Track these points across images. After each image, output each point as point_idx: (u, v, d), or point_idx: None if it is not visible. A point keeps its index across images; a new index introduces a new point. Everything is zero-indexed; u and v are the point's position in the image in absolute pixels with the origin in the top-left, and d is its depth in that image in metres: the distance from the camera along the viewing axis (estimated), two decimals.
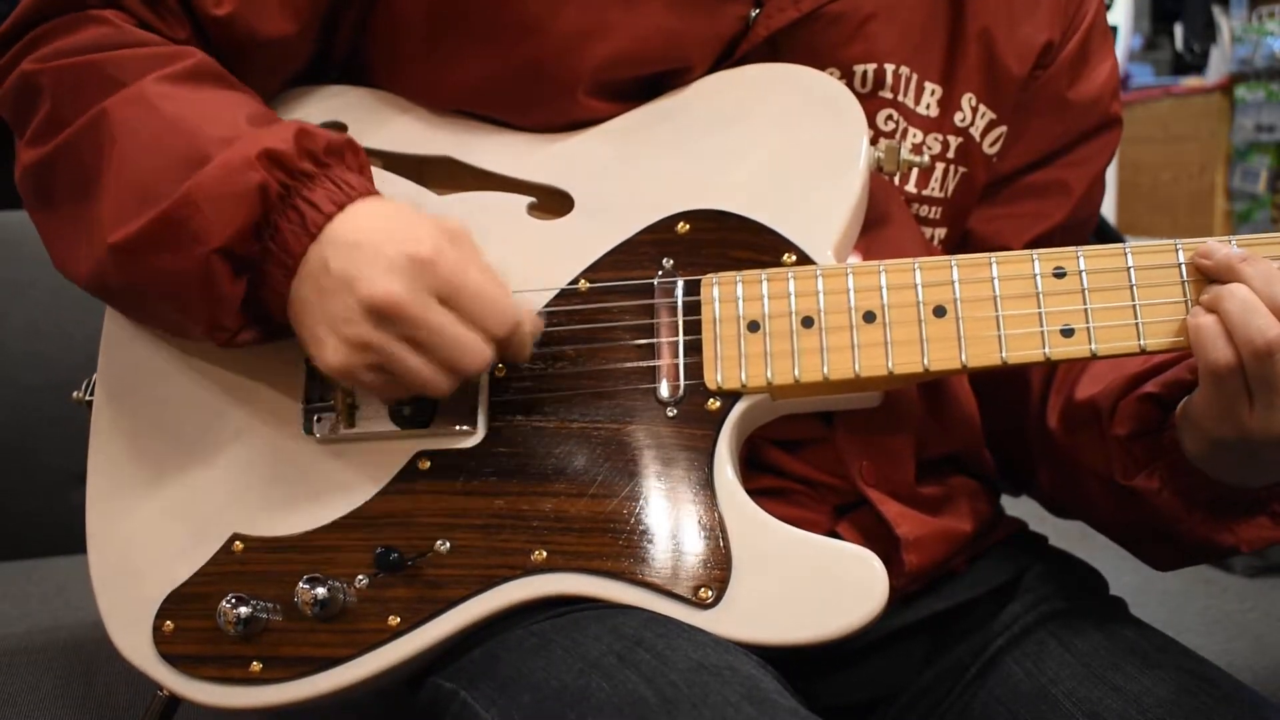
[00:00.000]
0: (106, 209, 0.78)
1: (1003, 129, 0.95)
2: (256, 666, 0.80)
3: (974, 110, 0.93)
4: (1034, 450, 0.96)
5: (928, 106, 0.92)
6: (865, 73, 0.90)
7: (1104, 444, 0.87)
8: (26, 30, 0.85)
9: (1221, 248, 0.76)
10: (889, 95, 0.91)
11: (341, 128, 0.91)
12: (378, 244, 0.74)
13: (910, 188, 0.93)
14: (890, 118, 0.91)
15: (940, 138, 0.93)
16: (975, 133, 0.94)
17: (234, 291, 0.77)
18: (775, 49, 0.88)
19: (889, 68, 0.90)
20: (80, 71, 0.81)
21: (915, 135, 0.92)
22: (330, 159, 0.78)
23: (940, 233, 0.95)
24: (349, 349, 0.75)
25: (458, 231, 0.77)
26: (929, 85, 0.92)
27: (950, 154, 0.93)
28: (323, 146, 0.78)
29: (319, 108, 0.93)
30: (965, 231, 0.98)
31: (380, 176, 0.91)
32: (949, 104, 0.93)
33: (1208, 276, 0.76)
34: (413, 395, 0.79)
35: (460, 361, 0.75)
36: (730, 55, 0.88)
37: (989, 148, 0.95)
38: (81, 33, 0.83)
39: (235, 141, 0.76)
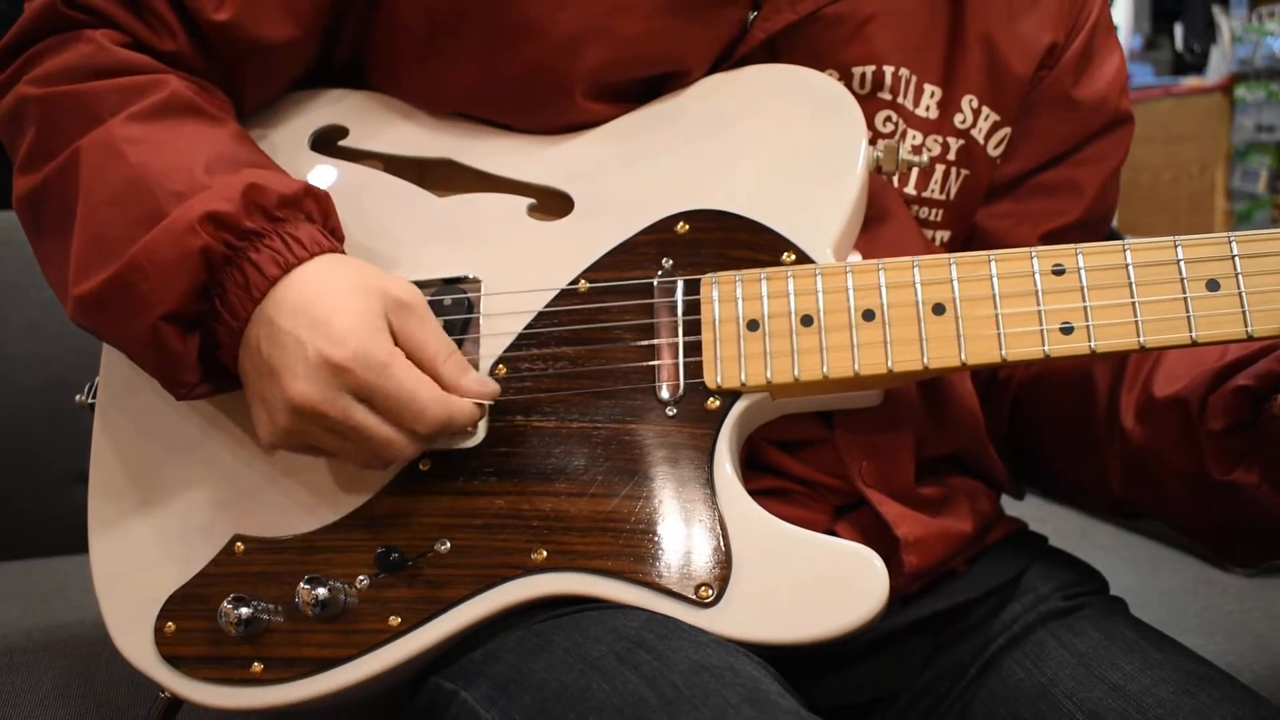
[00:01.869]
0: (74, 258, 0.79)
1: (1007, 131, 0.95)
2: (258, 667, 0.81)
3: (975, 112, 0.93)
4: (1105, 453, 0.94)
5: (927, 108, 0.92)
6: (864, 74, 0.90)
7: (1193, 441, 0.85)
8: (22, 49, 0.86)
9: None
10: (887, 97, 0.91)
11: (343, 131, 0.92)
12: (300, 335, 0.75)
13: (910, 189, 0.93)
14: (889, 119, 0.91)
15: (940, 139, 0.93)
16: (977, 135, 0.94)
17: (186, 349, 0.78)
18: (773, 51, 0.88)
19: (888, 69, 0.90)
20: (59, 103, 0.82)
21: (914, 137, 0.92)
22: (284, 212, 0.78)
23: (943, 235, 0.95)
24: (279, 433, 0.77)
25: (407, 304, 0.78)
26: (928, 87, 0.92)
27: (951, 156, 0.93)
28: (275, 201, 0.77)
29: (320, 112, 0.93)
30: (972, 228, 0.97)
31: (381, 180, 0.91)
32: (949, 106, 0.93)
33: None
34: None
35: (382, 455, 0.78)
36: (728, 58, 0.88)
37: (993, 150, 0.95)
38: (68, 53, 0.84)
39: (186, 199, 0.76)
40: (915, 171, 0.92)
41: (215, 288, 0.77)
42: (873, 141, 0.88)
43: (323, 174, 0.91)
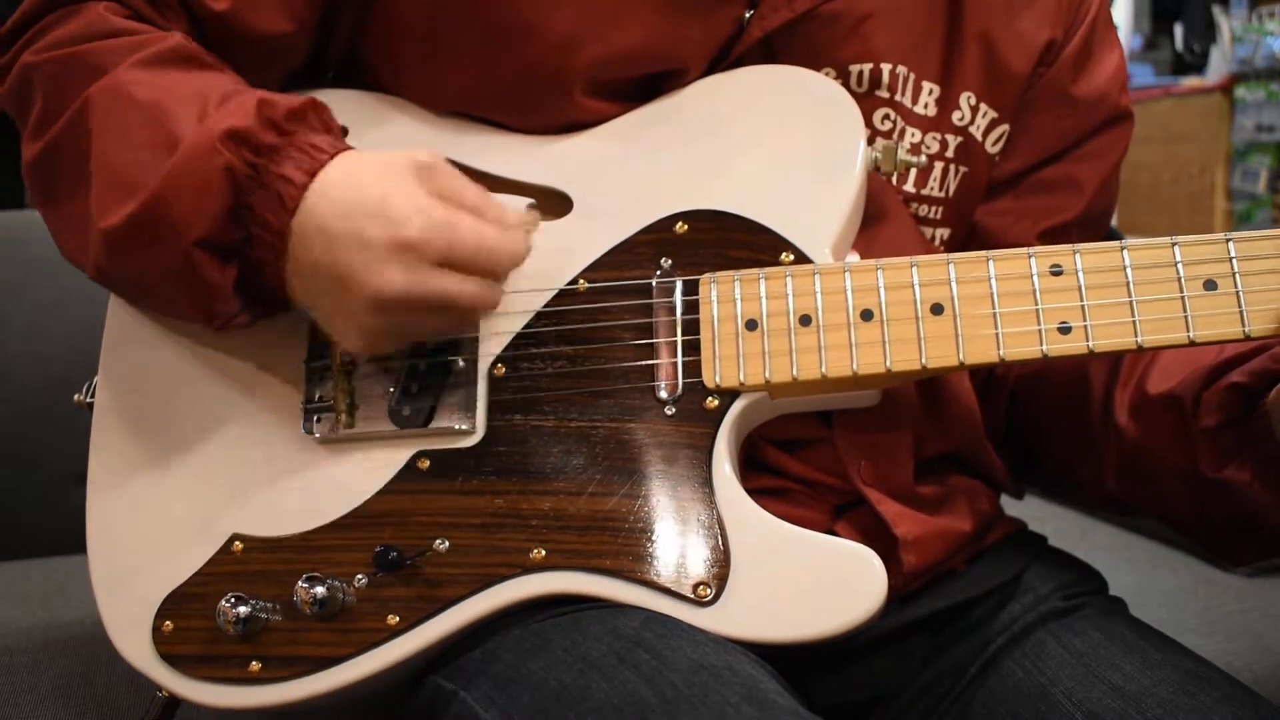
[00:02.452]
0: (95, 200, 0.78)
1: (1005, 128, 0.95)
2: (256, 666, 0.81)
3: (974, 109, 0.93)
4: (1100, 450, 0.94)
5: (925, 106, 0.92)
6: (861, 72, 0.90)
7: (1187, 437, 0.86)
8: (28, 27, 0.86)
9: None
10: (885, 94, 0.91)
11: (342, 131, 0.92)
12: (362, 231, 0.74)
13: (909, 187, 0.93)
14: (887, 117, 0.91)
15: (939, 137, 0.93)
16: (976, 132, 0.94)
17: (223, 279, 0.78)
18: (770, 50, 0.88)
19: (885, 67, 0.90)
20: (67, 63, 0.82)
21: (913, 134, 0.92)
22: (294, 124, 0.78)
23: (943, 233, 0.95)
24: (370, 336, 0.78)
25: (431, 166, 0.78)
26: (926, 84, 0.92)
27: (949, 153, 0.93)
28: (283, 113, 0.78)
29: None
30: (972, 225, 0.98)
31: None
32: (947, 103, 0.93)
33: None
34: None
35: (475, 309, 0.80)
36: (725, 56, 0.88)
37: (991, 147, 0.95)
38: (73, 22, 0.84)
39: (202, 122, 0.76)
40: (914, 170, 0.92)
41: (246, 211, 0.76)
42: (871, 140, 0.88)
43: None
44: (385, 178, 0.76)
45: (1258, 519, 0.85)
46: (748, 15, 0.87)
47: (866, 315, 0.79)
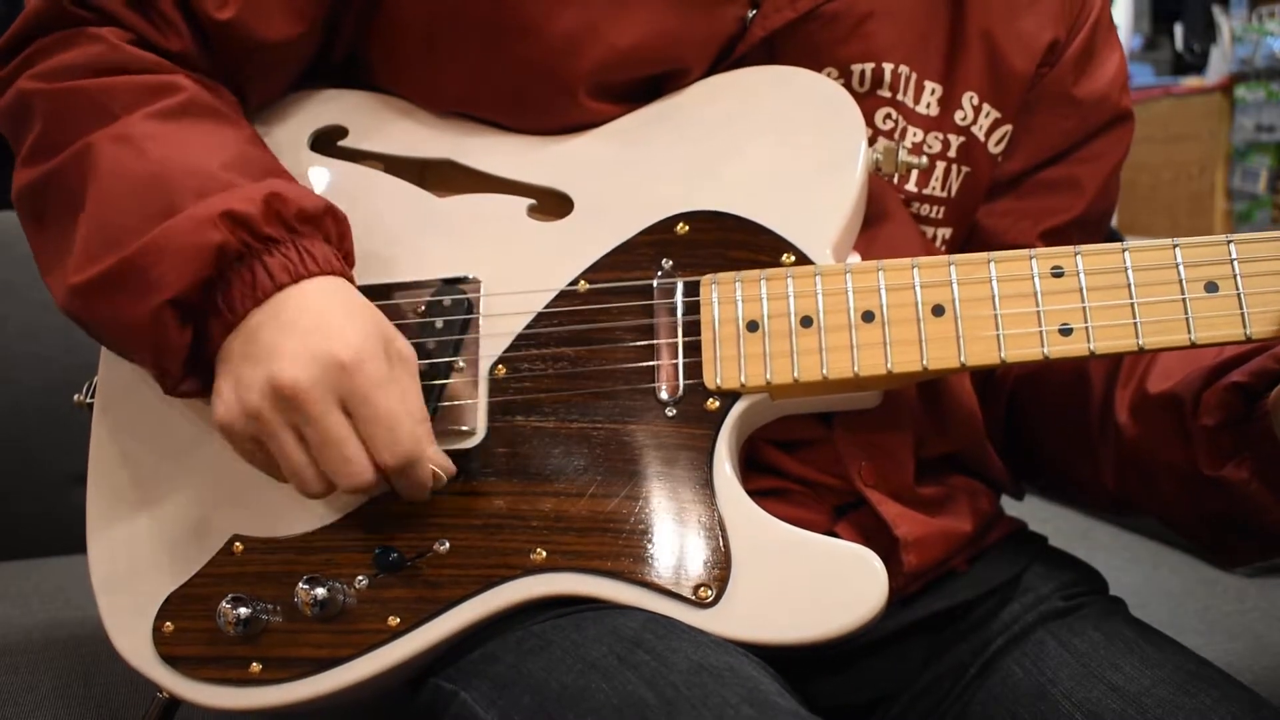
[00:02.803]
0: (76, 247, 0.78)
1: (1008, 128, 0.95)
2: (256, 667, 0.81)
3: (976, 109, 0.93)
4: (1099, 448, 0.95)
5: (927, 105, 0.92)
6: (863, 72, 0.90)
7: (1186, 436, 0.86)
8: (24, 45, 0.85)
9: None
10: (887, 94, 0.91)
11: (343, 131, 0.92)
12: (309, 331, 0.75)
13: (911, 187, 0.93)
14: (889, 116, 0.91)
15: (941, 136, 0.93)
16: (978, 132, 0.94)
17: (180, 341, 0.78)
18: (772, 49, 0.88)
19: (887, 67, 0.90)
20: (71, 97, 0.82)
21: (915, 134, 0.92)
22: (303, 226, 0.78)
23: (945, 232, 0.95)
24: (239, 413, 0.76)
25: (401, 353, 0.78)
26: (929, 84, 0.92)
27: (951, 153, 0.93)
28: (294, 212, 0.77)
29: (320, 112, 0.93)
30: (973, 226, 0.98)
31: (381, 180, 0.91)
32: (949, 103, 0.93)
33: None
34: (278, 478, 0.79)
35: (336, 473, 0.76)
36: (727, 56, 0.88)
37: (994, 147, 0.95)
38: (76, 50, 0.83)
39: (206, 196, 0.76)
40: (915, 171, 0.92)
41: (220, 283, 0.76)
42: (872, 140, 0.88)
43: (322, 174, 0.91)
44: (355, 317, 0.76)
45: (1256, 519, 0.85)
46: (750, 15, 0.87)
47: (868, 316, 0.79)
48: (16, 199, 0.85)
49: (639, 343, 0.83)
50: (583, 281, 0.85)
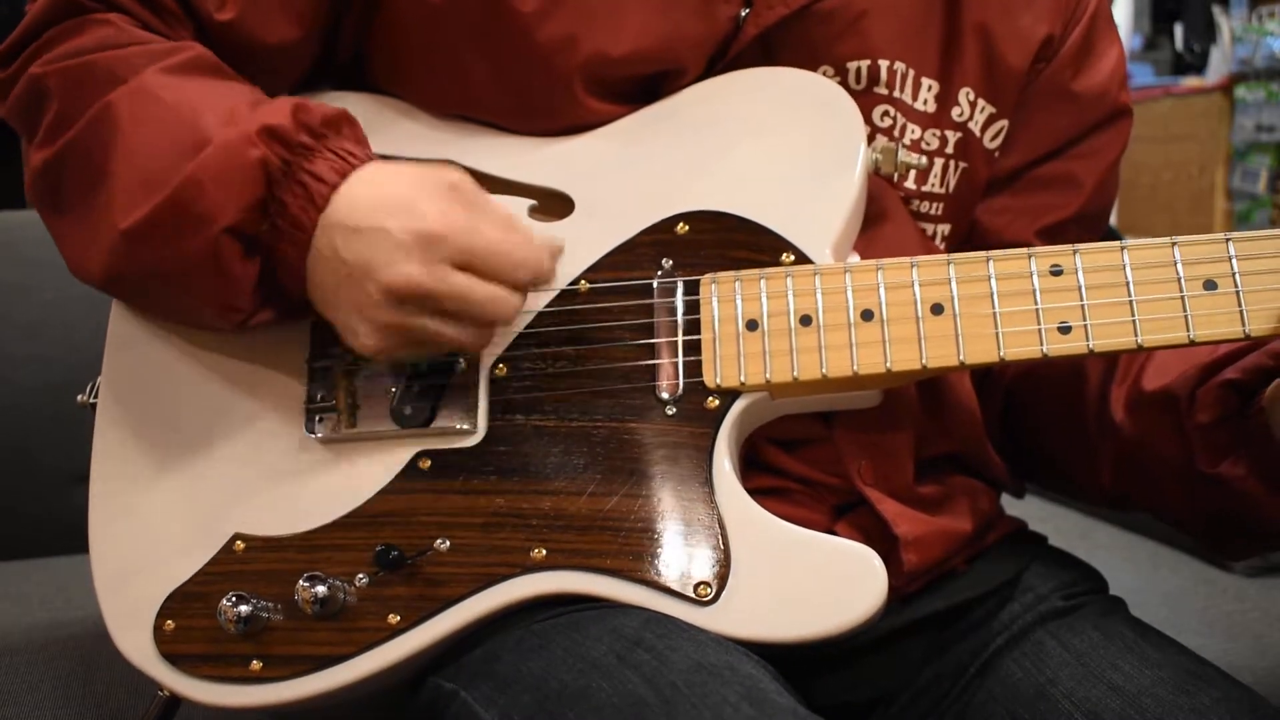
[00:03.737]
0: (116, 198, 0.78)
1: (1004, 123, 0.95)
2: (257, 665, 0.81)
3: (972, 105, 0.93)
4: (1096, 445, 0.95)
5: (925, 102, 0.92)
6: (859, 69, 0.90)
7: (1182, 433, 0.86)
8: (33, 38, 0.86)
9: None
10: (884, 91, 0.91)
11: None
12: (384, 223, 0.75)
13: (909, 184, 0.93)
14: (886, 114, 0.91)
15: (938, 133, 0.93)
16: (974, 127, 0.94)
17: (246, 272, 0.78)
18: (768, 48, 0.88)
19: (883, 64, 0.90)
20: (84, 70, 0.82)
21: (913, 131, 0.92)
22: (328, 130, 0.79)
23: (944, 229, 0.95)
24: (381, 334, 0.77)
25: (459, 183, 0.78)
26: (925, 80, 0.92)
27: (949, 149, 0.93)
28: (319, 120, 0.79)
29: None
30: (971, 223, 0.98)
31: None
32: (946, 99, 0.93)
33: None
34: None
35: (491, 318, 0.78)
36: (723, 56, 0.88)
37: (989, 142, 0.95)
38: (86, 35, 0.84)
39: (235, 122, 0.77)
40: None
41: (274, 204, 0.77)
42: (871, 138, 0.88)
43: None
44: (413, 183, 0.77)
45: (1252, 514, 0.85)
46: (743, 14, 0.87)
47: (867, 315, 0.80)
48: (33, 186, 0.85)
49: (639, 342, 0.83)
50: (583, 281, 0.85)
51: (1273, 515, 0.84)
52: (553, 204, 0.88)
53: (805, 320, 0.80)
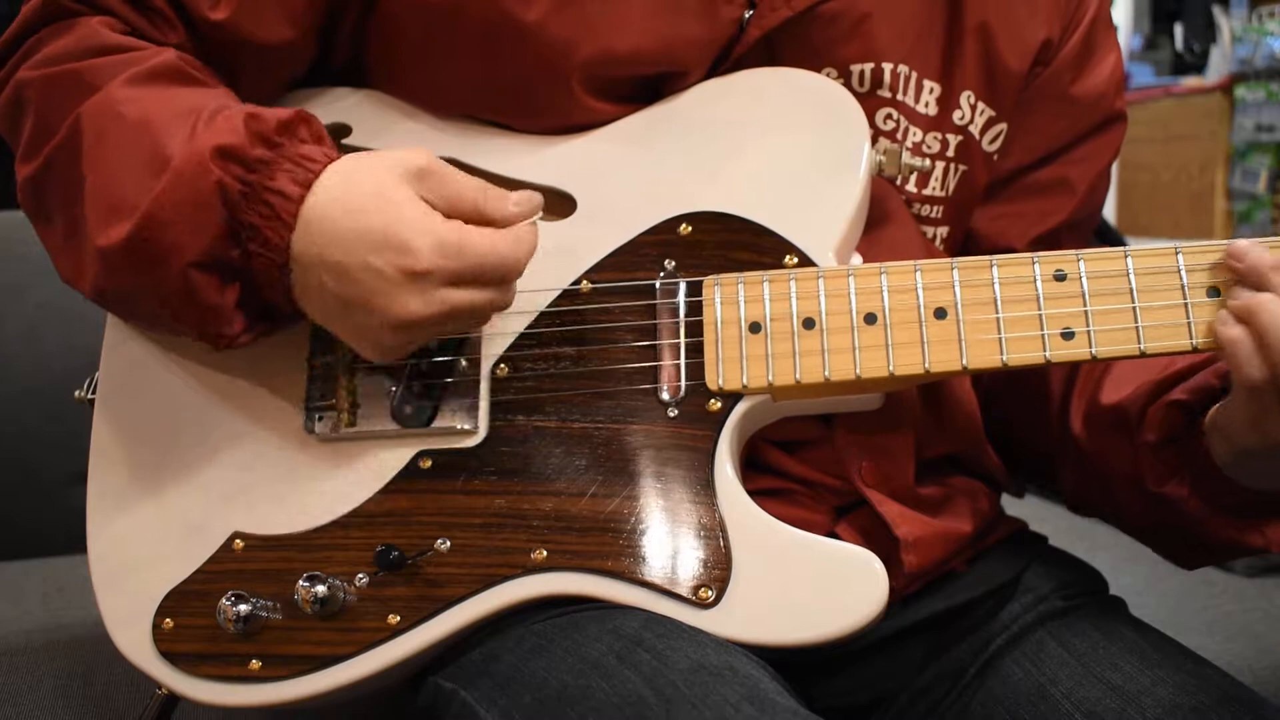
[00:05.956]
0: (89, 217, 0.78)
1: (1002, 126, 0.95)
2: (256, 664, 0.81)
3: (973, 108, 0.93)
4: (1056, 453, 0.96)
5: (927, 105, 0.92)
6: (863, 72, 0.90)
7: (1133, 450, 0.87)
8: (23, 40, 0.85)
9: (1254, 249, 0.75)
10: (887, 94, 0.91)
11: (347, 130, 0.91)
12: (372, 262, 0.74)
13: (910, 187, 0.93)
14: (889, 116, 0.91)
15: (940, 136, 0.93)
16: (975, 130, 0.94)
17: (224, 299, 0.77)
18: (772, 50, 0.88)
19: (886, 66, 0.90)
20: (57, 81, 0.82)
21: (915, 134, 0.92)
22: (283, 137, 0.77)
23: (943, 231, 0.95)
24: (388, 349, 0.79)
25: (425, 172, 0.76)
26: (928, 83, 0.92)
27: (950, 152, 0.93)
28: (273, 126, 0.77)
29: (323, 111, 0.92)
30: (969, 231, 0.98)
31: None
32: (948, 102, 0.93)
33: (1237, 278, 0.75)
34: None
35: (488, 315, 0.80)
36: (726, 57, 0.88)
37: (989, 145, 0.95)
38: (68, 37, 0.83)
39: (191, 140, 0.75)
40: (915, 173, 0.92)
41: (244, 229, 0.76)
42: (874, 141, 0.88)
43: None
44: (383, 198, 0.75)
45: (1197, 532, 0.86)
46: (747, 16, 0.87)
47: (870, 319, 0.79)
48: (22, 198, 0.85)
49: (641, 343, 0.83)
50: (585, 281, 0.85)
51: (1219, 534, 0.85)
52: (555, 203, 0.88)
53: (808, 323, 0.80)
